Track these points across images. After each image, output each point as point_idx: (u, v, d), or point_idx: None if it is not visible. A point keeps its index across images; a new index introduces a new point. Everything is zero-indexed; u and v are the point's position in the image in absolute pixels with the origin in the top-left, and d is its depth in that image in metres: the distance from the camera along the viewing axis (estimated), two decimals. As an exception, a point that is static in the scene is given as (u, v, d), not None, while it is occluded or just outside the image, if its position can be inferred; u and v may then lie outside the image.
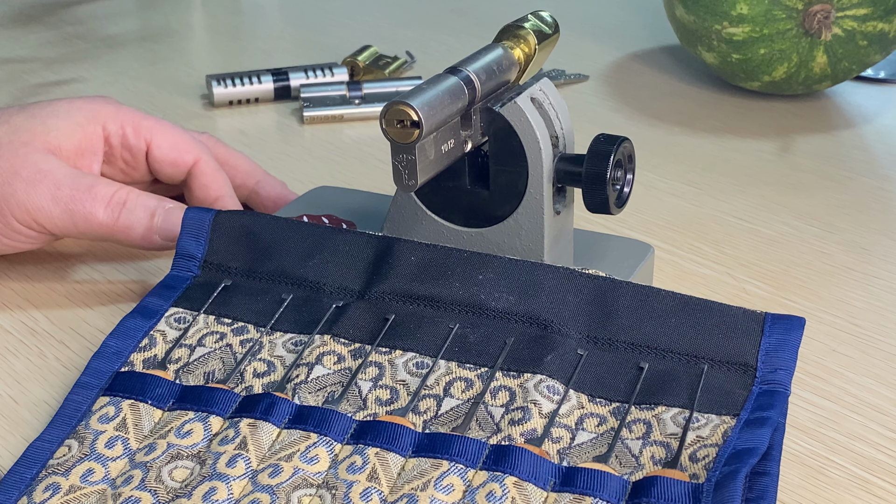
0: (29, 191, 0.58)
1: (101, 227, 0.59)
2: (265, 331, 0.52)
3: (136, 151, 0.64)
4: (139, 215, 0.60)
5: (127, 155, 0.64)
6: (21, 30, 1.12)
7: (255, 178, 0.69)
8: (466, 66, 0.53)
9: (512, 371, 0.49)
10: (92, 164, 0.62)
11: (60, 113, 0.62)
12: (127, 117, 0.64)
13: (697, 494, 0.42)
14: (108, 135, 0.63)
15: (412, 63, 0.99)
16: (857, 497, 0.46)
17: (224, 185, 0.65)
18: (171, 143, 0.65)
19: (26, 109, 0.62)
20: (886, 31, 0.83)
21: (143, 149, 0.64)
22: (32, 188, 0.58)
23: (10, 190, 0.58)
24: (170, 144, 0.65)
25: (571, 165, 0.55)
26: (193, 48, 1.10)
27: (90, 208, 0.59)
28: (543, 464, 0.44)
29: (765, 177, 0.76)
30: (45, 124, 0.61)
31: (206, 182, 0.65)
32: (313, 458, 0.45)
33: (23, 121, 0.61)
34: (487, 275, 0.52)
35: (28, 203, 0.58)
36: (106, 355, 0.51)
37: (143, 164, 0.65)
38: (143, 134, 0.64)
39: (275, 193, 0.68)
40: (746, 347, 0.49)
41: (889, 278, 0.63)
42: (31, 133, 0.60)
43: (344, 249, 0.55)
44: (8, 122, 0.61)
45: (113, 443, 0.46)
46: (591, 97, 0.92)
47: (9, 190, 0.58)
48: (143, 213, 0.60)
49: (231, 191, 0.66)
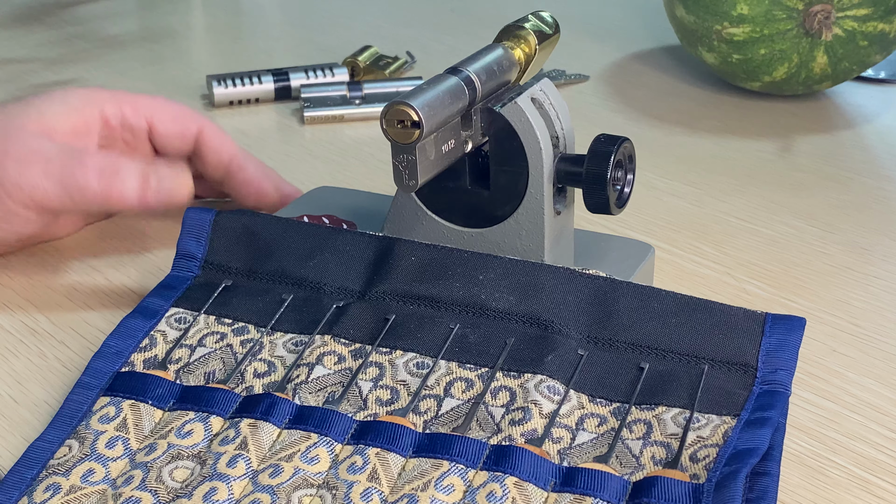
0: (21, 170, 0.58)
1: (96, 197, 0.59)
2: (266, 331, 0.52)
3: (137, 130, 0.65)
4: (132, 181, 0.59)
5: (128, 135, 0.65)
6: (21, 30, 1.12)
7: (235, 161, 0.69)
8: (467, 67, 0.54)
9: (512, 371, 0.49)
10: (87, 144, 0.63)
11: (55, 98, 0.62)
12: (124, 98, 0.64)
13: (698, 495, 0.42)
14: (108, 117, 0.63)
15: (412, 63, 0.99)
16: (857, 497, 0.46)
17: (233, 144, 0.66)
18: (172, 116, 0.65)
19: (22, 99, 0.63)
20: (887, 31, 0.83)
21: (144, 127, 0.65)
22: (24, 167, 0.58)
23: (2, 170, 0.58)
24: (171, 117, 0.65)
25: (572, 166, 0.55)
26: (193, 48, 1.10)
27: (82, 180, 0.59)
28: (544, 464, 0.44)
29: (765, 177, 0.76)
30: (39, 108, 0.61)
31: (216, 145, 0.66)
32: (314, 458, 0.45)
33: (17, 108, 0.61)
34: (488, 275, 0.52)
35: (21, 181, 0.58)
36: (106, 355, 0.51)
37: (144, 143, 0.65)
38: (143, 112, 0.65)
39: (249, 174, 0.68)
40: (747, 348, 0.49)
41: (889, 278, 0.63)
42: (25, 117, 0.61)
43: (344, 249, 0.55)
44: (2, 110, 0.61)
45: (113, 443, 0.46)
46: (591, 97, 0.92)
47: (0, 170, 0.58)
48: (136, 178, 0.59)
49: (241, 148, 0.67)
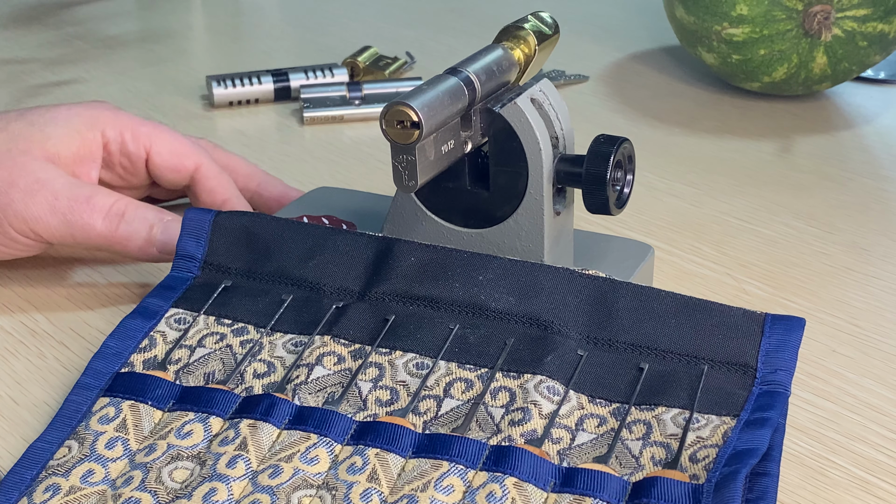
0: (27, 201, 0.58)
1: (99, 238, 0.59)
2: (265, 331, 0.52)
3: (134, 158, 0.64)
4: (137, 227, 0.59)
5: (125, 161, 0.64)
6: (21, 30, 1.12)
7: (255, 180, 0.69)
8: (466, 67, 0.53)
9: (512, 372, 0.49)
10: (90, 170, 0.62)
11: (59, 120, 0.62)
12: (126, 123, 0.64)
13: (697, 495, 0.42)
14: (108, 141, 0.63)
15: (412, 64, 0.99)
16: (857, 497, 0.46)
17: (229, 187, 0.65)
18: (170, 150, 0.65)
19: (25, 116, 0.62)
20: (886, 31, 0.83)
21: (142, 156, 0.64)
22: (30, 198, 0.58)
23: (8, 200, 0.58)
24: (170, 151, 0.65)
25: (571, 166, 0.55)
26: (193, 48, 1.10)
27: (88, 219, 0.59)
28: (543, 464, 0.44)
29: (765, 177, 0.76)
30: (44, 132, 0.61)
31: (211, 186, 0.65)
32: (313, 458, 0.45)
33: (21, 128, 0.61)
34: (487, 275, 0.52)
35: (26, 213, 0.58)
36: (106, 356, 0.51)
37: (142, 171, 0.65)
38: (142, 141, 0.64)
39: (277, 192, 0.68)
40: (746, 348, 0.49)
41: (889, 279, 0.63)
42: (30, 141, 0.60)
43: (344, 250, 0.55)
44: (6, 129, 0.61)
45: (113, 443, 0.46)
46: (591, 98, 0.92)
47: (6, 200, 0.58)
48: (142, 225, 0.59)
49: (237, 192, 0.66)
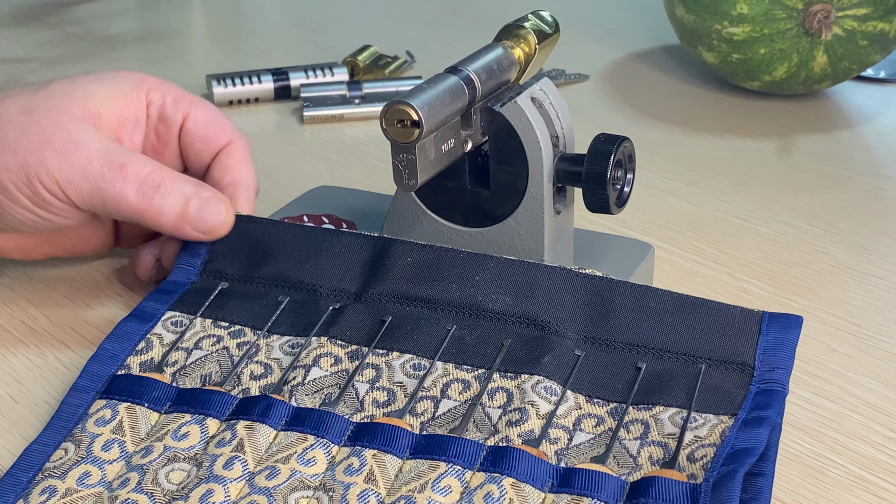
0: (60, 161, 0.55)
1: (129, 210, 0.55)
2: (262, 333, 0.52)
3: (170, 123, 0.61)
4: (173, 201, 0.55)
5: (161, 128, 0.61)
6: (21, 30, 1.12)
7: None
8: (467, 66, 0.53)
9: (509, 372, 0.49)
10: (133, 135, 0.60)
11: (104, 79, 0.59)
12: (170, 89, 0.61)
13: (695, 495, 0.42)
14: (150, 103, 0.60)
15: (412, 63, 0.99)
16: (857, 497, 0.46)
17: (246, 177, 0.61)
18: (207, 119, 0.61)
19: (68, 77, 0.59)
20: (886, 30, 0.82)
21: (178, 121, 0.61)
22: (64, 159, 0.55)
23: (41, 158, 0.55)
24: (206, 120, 0.61)
25: (572, 165, 0.55)
26: (193, 48, 1.10)
27: (120, 188, 0.55)
28: (541, 465, 0.44)
29: (765, 177, 0.76)
30: (86, 89, 0.58)
31: (230, 164, 0.61)
32: (310, 460, 0.45)
33: (62, 86, 0.58)
34: (484, 275, 0.52)
35: (58, 174, 0.55)
36: (102, 358, 0.51)
37: (174, 139, 0.61)
38: (182, 106, 0.61)
39: None
40: (744, 346, 0.49)
41: (889, 278, 0.63)
42: (69, 98, 0.57)
43: (340, 251, 0.55)
44: (47, 87, 0.58)
45: (109, 446, 0.46)
46: (591, 97, 0.92)
47: (39, 158, 0.55)
48: (178, 199, 0.56)
49: (251, 185, 0.61)
